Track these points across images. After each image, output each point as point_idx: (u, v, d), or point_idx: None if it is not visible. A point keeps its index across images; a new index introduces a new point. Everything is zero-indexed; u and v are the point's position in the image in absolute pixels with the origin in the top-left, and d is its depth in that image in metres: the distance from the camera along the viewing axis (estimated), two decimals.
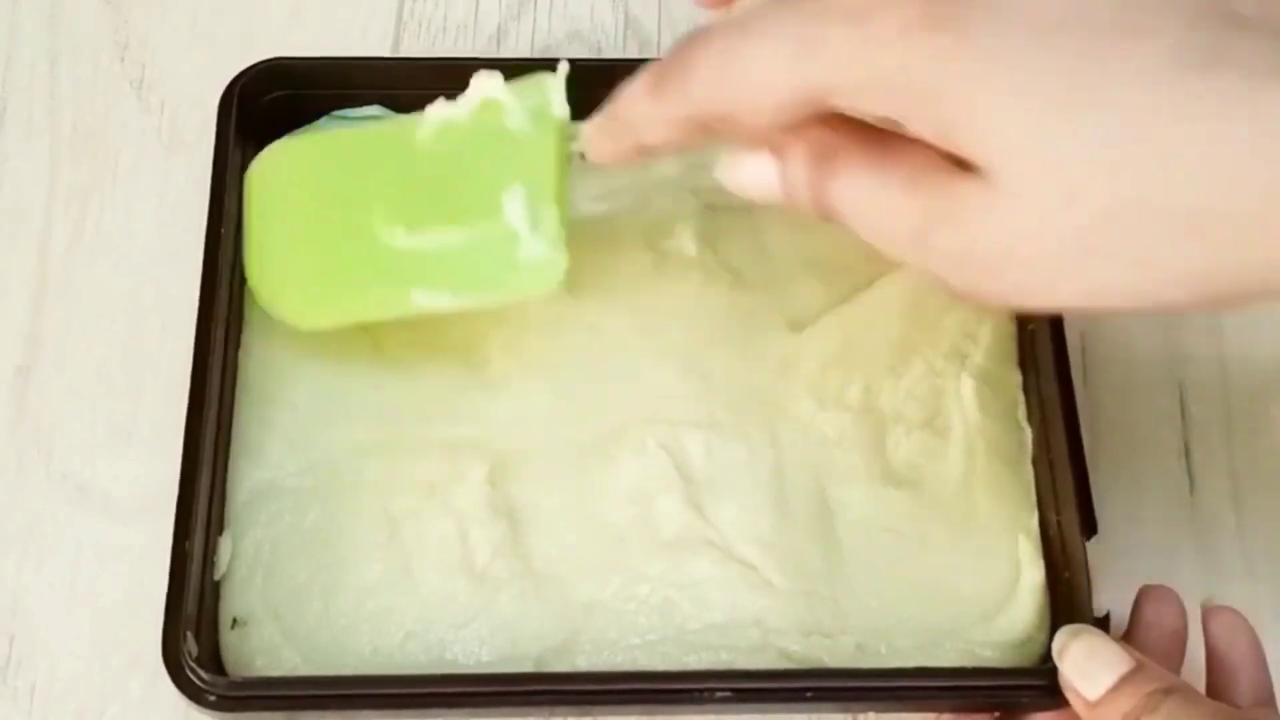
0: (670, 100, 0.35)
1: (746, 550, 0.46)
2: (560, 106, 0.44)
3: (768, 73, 0.32)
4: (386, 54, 0.59)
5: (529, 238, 0.43)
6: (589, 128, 0.40)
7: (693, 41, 0.34)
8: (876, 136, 0.33)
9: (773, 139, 0.36)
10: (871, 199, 0.33)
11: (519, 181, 0.43)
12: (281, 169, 0.49)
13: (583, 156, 0.41)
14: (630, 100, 0.37)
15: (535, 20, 0.60)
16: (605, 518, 0.47)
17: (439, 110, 0.46)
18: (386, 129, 0.48)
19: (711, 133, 0.36)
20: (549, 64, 0.56)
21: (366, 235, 0.46)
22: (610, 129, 0.39)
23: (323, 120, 0.53)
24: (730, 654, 0.45)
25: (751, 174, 0.37)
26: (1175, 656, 0.44)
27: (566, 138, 0.43)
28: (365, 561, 0.46)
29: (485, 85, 0.45)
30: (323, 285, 0.47)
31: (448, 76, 0.53)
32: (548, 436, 0.48)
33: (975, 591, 0.46)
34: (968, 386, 0.49)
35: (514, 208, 0.43)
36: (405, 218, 0.45)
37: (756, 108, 0.33)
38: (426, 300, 0.45)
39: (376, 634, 0.45)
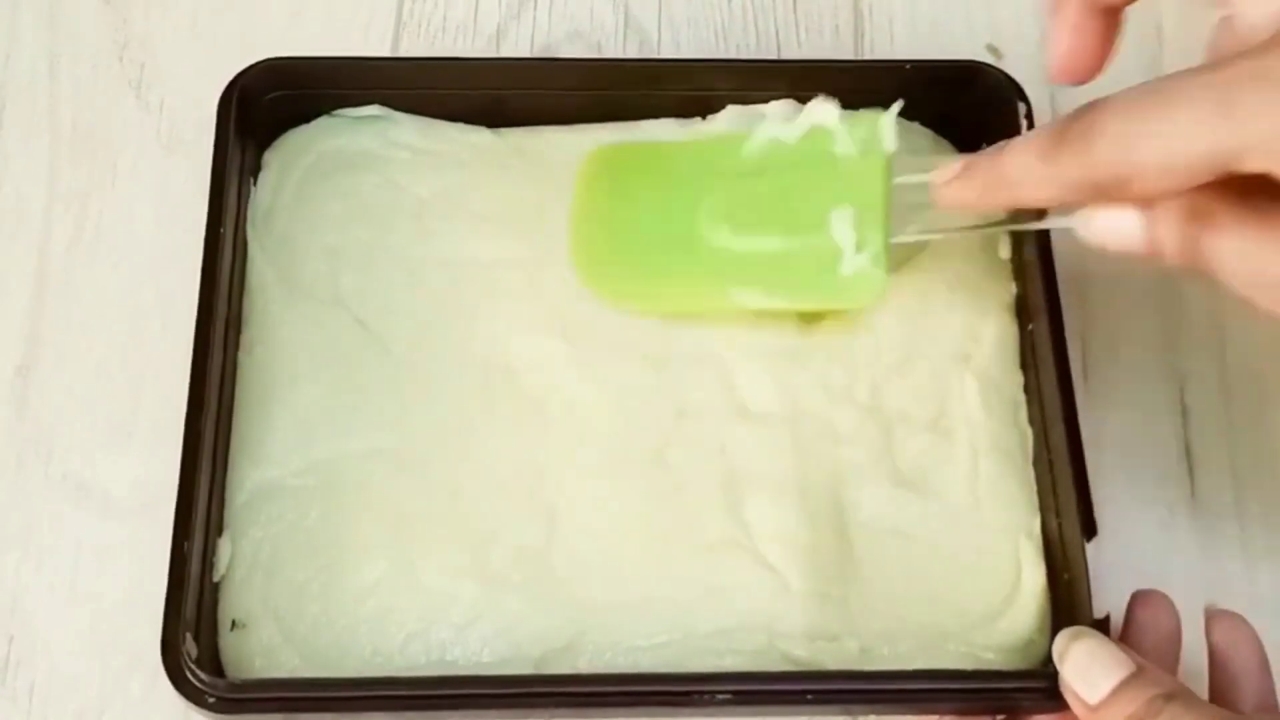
0: (1068, 163, 0.36)
1: (769, 550, 0.46)
2: (891, 142, 0.47)
3: (1182, 136, 0.33)
4: (386, 54, 0.58)
5: (852, 254, 0.46)
6: (943, 173, 0.42)
7: (1096, 107, 0.35)
8: (1253, 198, 0.34)
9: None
10: (1252, 257, 0.35)
11: (848, 203, 0.47)
12: (613, 163, 0.52)
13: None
14: (1018, 159, 0.38)
15: (535, 20, 0.59)
16: (631, 520, 0.47)
17: (770, 128, 0.49)
18: (715, 139, 0.52)
19: (1100, 196, 0.37)
20: (549, 63, 0.57)
21: (691, 233, 0.49)
22: (978, 181, 0.40)
23: (322, 120, 0.53)
24: (735, 658, 0.45)
25: (1113, 227, 0.38)
26: (1169, 660, 0.44)
27: (891, 171, 0.47)
28: (366, 562, 0.46)
29: (820, 111, 0.49)
30: (643, 272, 0.50)
31: (447, 76, 0.53)
32: (571, 439, 0.48)
33: (978, 594, 0.46)
34: (971, 387, 0.49)
35: (841, 225, 0.46)
36: (731, 221, 0.49)
37: (1164, 171, 0.34)
38: (743, 297, 0.48)
39: (376, 635, 0.45)
